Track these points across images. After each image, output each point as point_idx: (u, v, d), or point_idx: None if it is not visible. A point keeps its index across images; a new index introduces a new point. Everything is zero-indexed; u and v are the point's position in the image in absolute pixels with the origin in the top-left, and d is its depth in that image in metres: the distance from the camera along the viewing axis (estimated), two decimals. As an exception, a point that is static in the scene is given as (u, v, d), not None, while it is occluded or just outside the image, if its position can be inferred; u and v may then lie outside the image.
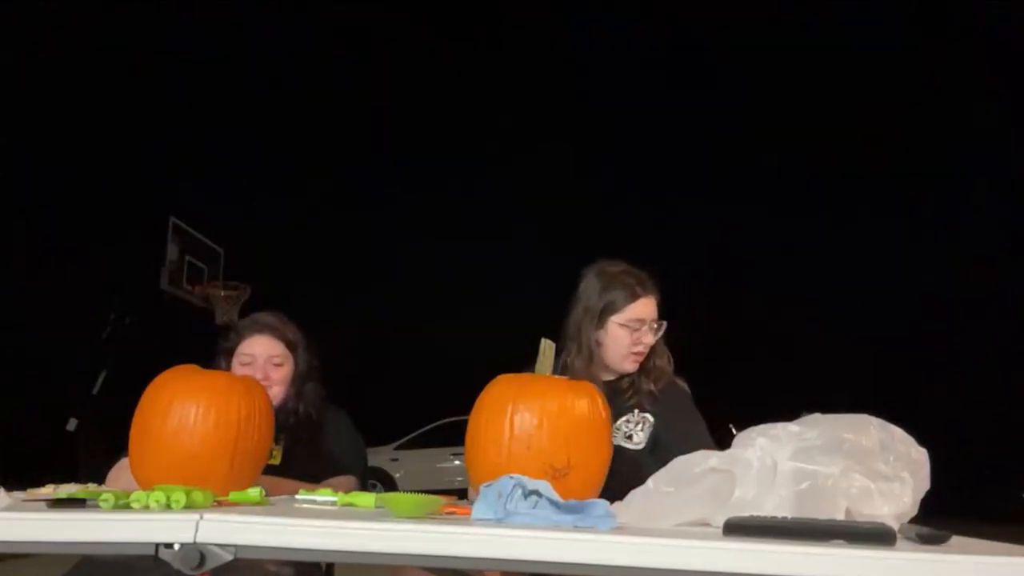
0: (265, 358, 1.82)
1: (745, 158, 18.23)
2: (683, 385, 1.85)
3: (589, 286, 1.83)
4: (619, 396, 1.75)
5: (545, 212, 17.49)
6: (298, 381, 1.85)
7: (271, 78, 15.65)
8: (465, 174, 17.92)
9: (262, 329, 1.85)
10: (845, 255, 18.67)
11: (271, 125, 15.31)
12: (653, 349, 1.82)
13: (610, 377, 1.82)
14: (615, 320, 1.77)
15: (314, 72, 16.29)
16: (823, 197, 18.52)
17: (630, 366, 1.79)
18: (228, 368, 1.84)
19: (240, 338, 1.85)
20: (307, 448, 1.83)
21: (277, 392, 1.80)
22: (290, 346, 1.86)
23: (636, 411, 1.77)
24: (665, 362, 1.84)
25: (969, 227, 17.47)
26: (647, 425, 1.75)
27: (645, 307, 1.78)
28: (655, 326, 1.79)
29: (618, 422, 1.75)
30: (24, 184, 10.54)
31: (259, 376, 1.77)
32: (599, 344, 1.79)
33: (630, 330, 1.76)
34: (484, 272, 17.38)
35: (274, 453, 1.78)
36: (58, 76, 11.42)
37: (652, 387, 1.79)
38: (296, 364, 1.86)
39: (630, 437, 1.74)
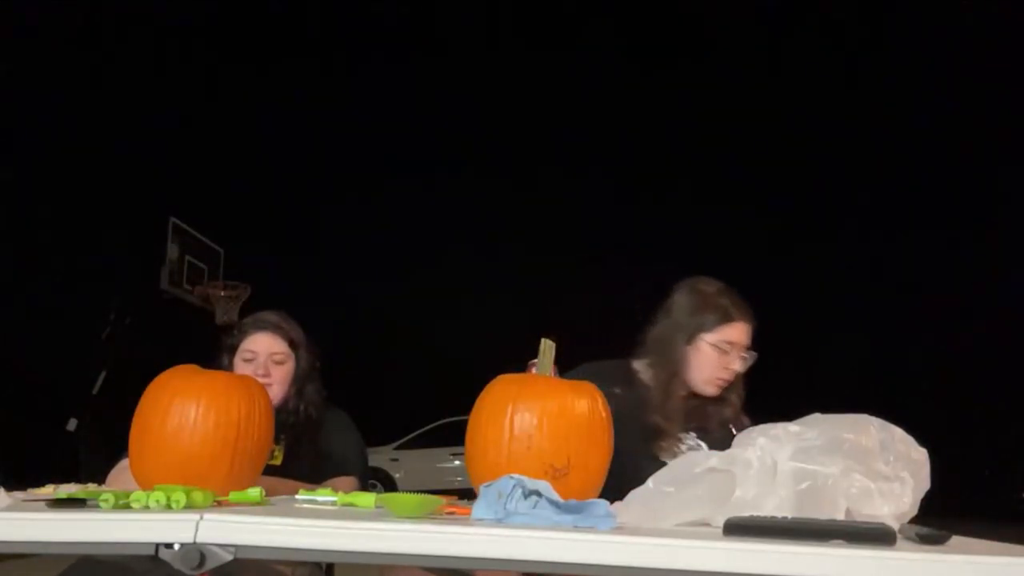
0: (267, 355, 1.81)
1: (745, 160, 18.25)
2: (747, 422, 1.78)
3: (681, 301, 1.77)
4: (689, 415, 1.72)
5: (546, 213, 17.50)
6: (299, 380, 1.85)
7: (271, 77, 15.66)
8: (465, 175, 17.93)
9: (265, 327, 1.85)
10: (844, 254, 18.70)
11: (271, 125, 15.33)
12: (732, 382, 1.75)
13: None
14: (707, 339, 1.71)
15: (314, 71, 16.30)
16: (823, 196, 18.55)
17: (712, 390, 1.73)
18: (230, 365, 1.83)
19: (243, 335, 1.85)
20: (308, 448, 1.83)
21: (277, 391, 1.80)
22: (292, 345, 1.86)
23: (694, 434, 1.74)
24: (738, 399, 1.77)
25: (968, 226, 17.49)
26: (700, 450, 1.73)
27: (739, 331, 1.72)
28: (744, 355, 1.72)
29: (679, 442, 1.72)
30: (24, 184, 10.54)
31: (260, 372, 1.77)
32: (685, 362, 1.72)
33: (720, 352, 1.71)
34: (484, 272, 17.39)
35: (275, 453, 1.78)
36: (57, 75, 11.42)
37: (718, 412, 1.75)
38: (297, 363, 1.86)
39: (675, 456, 1.72)
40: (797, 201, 18.13)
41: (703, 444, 1.73)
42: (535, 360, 1.58)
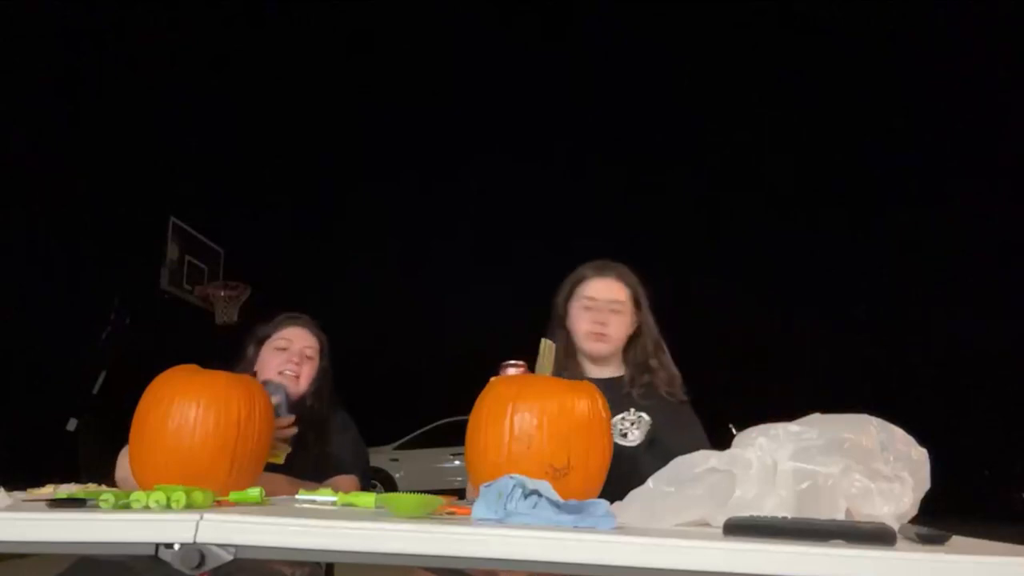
0: (301, 347, 1.89)
1: (743, 164, 18.25)
2: (681, 391, 1.84)
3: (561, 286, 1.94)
4: (615, 393, 1.75)
5: (546, 213, 17.50)
6: (318, 380, 1.90)
7: (271, 78, 15.66)
8: (466, 175, 17.93)
9: (302, 322, 1.94)
10: (844, 255, 18.70)
11: (271, 125, 15.32)
12: (642, 344, 1.84)
13: (608, 374, 1.83)
14: (572, 303, 1.86)
15: (315, 72, 16.30)
16: (821, 198, 18.55)
17: (589, 345, 1.83)
18: (255, 355, 1.89)
19: (277, 327, 1.93)
20: (313, 447, 1.86)
21: (302, 384, 1.86)
22: (320, 345, 1.93)
23: (632, 410, 1.77)
24: (659, 360, 1.84)
25: (968, 226, 17.49)
26: (643, 424, 1.75)
27: (598, 286, 1.85)
28: (618, 308, 1.82)
29: (614, 419, 1.75)
30: (24, 184, 10.53)
31: (294, 360, 1.85)
32: (571, 328, 1.86)
33: (584, 308, 1.83)
34: (485, 272, 17.39)
35: (278, 452, 1.81)
36: (58, 75, 11.42)
37: (650, 384, 1.79)
38: (320, 364, 1.92)
39: (625, 435, 1.74)
40: (798, 200, 18.14)
41: (644, 415, 1.76)
42: (511, 362, 1.60)
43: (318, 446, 1.86)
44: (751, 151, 18.09)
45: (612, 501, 1.03)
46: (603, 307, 1.82)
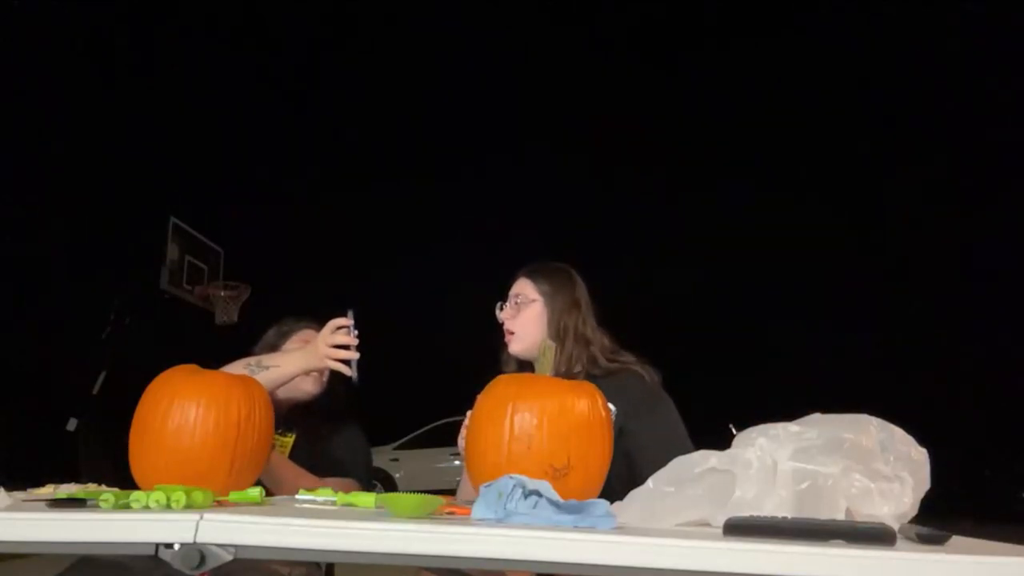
0: None
1: (744, 164, 18.24)
2: (642, 371, 1.77)
3: None
4: None
5: (547, 212, 17.49)
6: (334, 379, 1.93)
7: (271, 78, 15.66)
8: (465, 174, 17.93)
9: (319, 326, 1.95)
10: (844, 255, 18.70)
11: (271, 125, 15.32)
12: (569, 335, 1.80)
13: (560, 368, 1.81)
14: None
15: (314, 72, 16.30)
16: (822, 198, 18.54)
17: (508, 340, 1.86)
18: (275, 347, 1.92)
19: (309, 326, 1.97)
20: (316, 448, 1.87)
21: (317, 380, 1.89)
22: None
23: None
24: (585, 348, 1.79)
25: (968, 226, 17.48)
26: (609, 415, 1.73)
27: (511, 289, 1.88)
28: (520, 300, 1.84)
29: None
30: (24, 184, 10.54)
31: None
32: None
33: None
34: (485, 272, 17.34)
35: (282, 443, 1.83)
36: (59, 75, 11.42)
37: (602, 374, 1.75)
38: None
39: None
40: (799, 199, 18.13)
41: (609, 406, 1.74)
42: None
43: (323, 443, 1.89)
44: (752, 151, 18.09)
45: (612, 501, 1.03)
46: (509, 303, 1.85)
